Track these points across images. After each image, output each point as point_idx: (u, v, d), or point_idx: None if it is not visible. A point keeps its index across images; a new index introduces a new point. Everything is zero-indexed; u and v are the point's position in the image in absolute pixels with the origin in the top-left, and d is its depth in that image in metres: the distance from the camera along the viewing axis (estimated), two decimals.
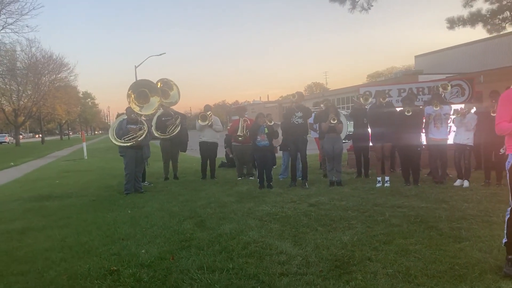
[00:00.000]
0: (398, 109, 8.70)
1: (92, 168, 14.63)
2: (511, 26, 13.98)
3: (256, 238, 5.00)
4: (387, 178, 8.36)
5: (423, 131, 8.38)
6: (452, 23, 13.83)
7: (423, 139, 8.48)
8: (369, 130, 9.09)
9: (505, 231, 3.69)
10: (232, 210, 6.63)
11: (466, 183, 7.73)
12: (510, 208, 3.68)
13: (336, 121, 8.28)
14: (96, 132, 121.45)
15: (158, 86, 10.36)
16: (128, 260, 4.39)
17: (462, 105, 8.63)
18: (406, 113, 7.85)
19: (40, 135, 58.21)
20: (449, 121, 8.34)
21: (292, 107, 8.89)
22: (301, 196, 7.54)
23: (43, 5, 74.68)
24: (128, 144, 8.65)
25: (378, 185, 8.25)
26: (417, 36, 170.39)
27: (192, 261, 4.29)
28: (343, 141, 9.16)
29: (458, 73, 34.45)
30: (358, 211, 6.16)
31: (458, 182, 7.89)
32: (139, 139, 8.67)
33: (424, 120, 8.26)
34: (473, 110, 8.14)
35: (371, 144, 8.96)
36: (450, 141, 8.35)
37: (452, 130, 8.45)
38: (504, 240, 3.69)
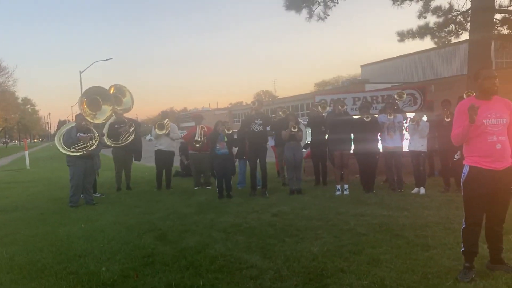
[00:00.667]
0: (354, 117, 8.85)
1: (36, 178, 13.78)
2: (456, 38, 14.67)
3: (223, 251, 4.81)
4: (346, 186, 8.43)
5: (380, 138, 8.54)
6: (402, 36, 14.29)
7: (380, 146, 8.64)
8: (327, 137, 9.17)
9: (462, 240, 3.87)
10: (193, 221, 6.40)
11: (422, 190, 7.93)
12: (464, 218, 3.85)
13: (297, 129, 8.25)
14: (35, 140, 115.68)
15: (111, 91, 9.96)
16: (88, 280, 4.06)
17: (414, 114, 8.88)
18: (365, 118, 7.99)
19: None
20: (403, 130, 8.50)
21: (251, 115, 8.78)
22: (263, 205, 7.41)
23: None
24: (78, 153, 8.16)
25: (338, 193, 8.29)
26: (362, 46, 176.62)
27: (159, 279, 4.04)
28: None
29: (403, 82, 35.92)
30: (322, 220, 6.12)
31: (415, 190, 8.06)
32: (90, 149, 8.21)
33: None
34: (424, 118, 8.40)
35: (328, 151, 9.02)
36: (406, 148, 8.54)
37: (406, 138, 8.63)
38: (462, 249, 3.84)
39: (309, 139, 10.15)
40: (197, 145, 9.44)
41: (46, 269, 4.46)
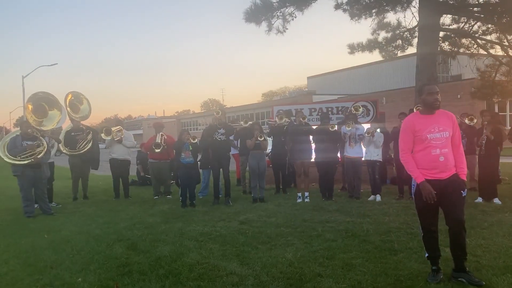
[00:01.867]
0: (314, 127, 9.18)
1: None
2: (402, 52, 15.55)
3: (199, 259, 4.85)
4: (306, 194, 8.70)
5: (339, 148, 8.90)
6: (353, 48, 14.91)
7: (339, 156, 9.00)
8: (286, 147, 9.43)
9: (424, 247, 4.15)
10: (161, 231, 6.36)
11: (378, 197, 8.37)
12: (420, 227, 4.13)
13: (263, 138, 8.43)
14: None
15: (69, 98, 9.70)
16: None
17: (369, 125, 9.34)
18: (330, 128, 8.32)
19: None
20: (362, 140, 8.89)
21: (214, 124, 8.86)
22: (229, 214, 7.50)
23: None
24: (26, 162, 7.83)
25: (299, 200, 8.53)
26: (308, 58, 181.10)
27: None
28: None
29: (348, 94, 37.31)
30: (291, 227, 6.29)
31: (372, 197, 8.47)
32: (38, 156, 7.90)
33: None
34: (378, 130, 8.85)
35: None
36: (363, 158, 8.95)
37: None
38: (426, 255, 4.11)
39: (269, 148, 10.35)
40: (157, 150, 9.29)
41: (17, 281, 4.31)
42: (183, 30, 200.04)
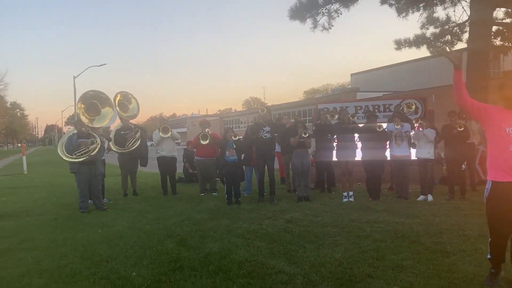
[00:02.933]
0: (360, 125, 9.04)
1: (37, 184, 13.66)
2: (451, 48, 15.05)
3: (247, 257, 4.91)
4: (351, 193, 8.59)
5: (388, 146, 8.72)
6: (399, 44, 14.61)
7: (388, 155, 8.81)
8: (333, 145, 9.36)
9: (488, 249, 3.90)
10: (209, 227, 6.47)
11: (430, 197, 8.13)
12: (490, 232, 3.83)
13: (307, 135, 8.40)
14: (19, 145, 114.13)
15: (117, 98, 10.03)
16: (122, 285, 4.14)
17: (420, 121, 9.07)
18: (377, 128, 8.17)
19: None
20: (411, 139, 8.65)
21: (259, 122, 8.89)
22: (274, 212, 7.52)
23: None
24: (81, 159, 8.17)
25: (345, 200, 8.44)
26: (351, 55, 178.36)
27: (192, 283, 4.13)
28: None
29: (394, 91, 36.42)
30: (338, 227, 6.24)
31: (421, 198, 8.25)
32: (92, 154, 8.22)
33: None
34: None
35: (335, 159, 9.15)
36: (414, 157, 8.73)
37: (414, 147, 8.78)
38: (488, 256, 3.91)
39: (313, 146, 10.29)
40: (204, 141, 9.33)
41: (76, 274, 4.51)
42: (226, 29, 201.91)
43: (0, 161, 34.32)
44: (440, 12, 21.70)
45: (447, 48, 14.94)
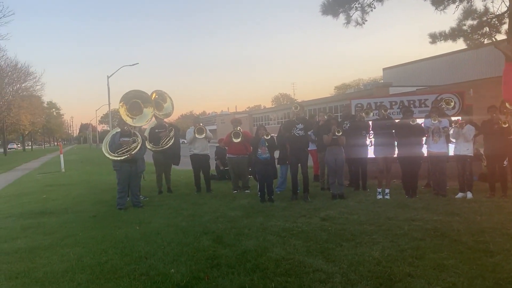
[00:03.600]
0: (396, 121, 8.87)
1: (75, 181, 14.07)
2: (489, 40, 14.55)
3: (284, 255, 4.90)
4: (387, 191, 8.45)
5: (424, 143, 8.52)
6: (434, 38, 14.21)
7: (425, 151, 8.60)
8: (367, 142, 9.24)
9: None
10: (244, 225, 6.49)
11: (469, 195, 7.90)
12: None
13: (340, 133, 8.30)
14: (56, 143, 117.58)
15: (153, 97, 10.17)
16: (161, 281, 4.20)
17: (459, 117, 8.82)
18: (411, 122, 8.01)
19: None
20: (448, 135, 8.41)
21: (293, 119, 8.85)
22: (308, 210, 7.47)
23: (14, 12, 70.85)
24: (122, 157, 8.37)
25: (379, 197, 8.31)
26: (382, 50, 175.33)
27: (230, 281, 4.16)
28: None
29: (428, 85, 35.56)
30: (374, 225, 6.15)
31: (460, 195, 8.03)
32: (133, 152, 8.40)
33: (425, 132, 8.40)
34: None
35: (373, 156, 9.00)
36: (451, 153, 8.50)
37: (452, 143, 8.55)
38: None
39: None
40: (236, 139, 9.34)
41: (117, 270, 4.61)
42: (255, 26, 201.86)
43: (38, 159, 35.45)
44: (477, 4, 21.02)
45: (485, 40, 14.47)
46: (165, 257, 4.97)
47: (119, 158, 8.38)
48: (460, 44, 17.34)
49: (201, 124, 10.49)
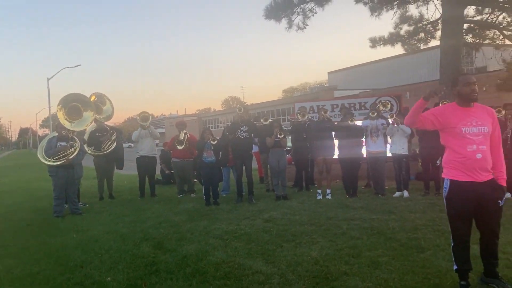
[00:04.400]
0: (336, 123, 9.13)
1: (11, 188, 13.35)
2: (425, 45, 15.35)
3: (225, 258, 4.89)
4: (328, 191, 8.65)
5: (364, 144, 8.80)
6: (374, 42, 14.80)
7: (364, 152, 8.90)
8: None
9: (453, 259, 3.77)
10: (187, 229, 6.43)
11: (406, 193, 8.25)
12: (451, 236, 3.75)
13: (283, 135, 8.42)
14: None
15: (92, 99, 9.86)
16: None
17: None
18: (349, 122, 8.26)
19: None
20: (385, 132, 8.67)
21: (237, 121, 8.87)
22: (253, 212, 7.52)
23: None
24: (58, 163, 8.03)
25: (319, 197, 8.49)
26: (328, 54, 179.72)
27: (168, 286, 4.10)
28: None
29: (371, 88, 36.84)
30: (315, 225, 6.28)
31: (397, 194, 8.36)
32: (70, 157, 8.09)
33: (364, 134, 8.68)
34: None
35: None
36: (389, 153, 8.83)
37: (388, 142, 8.87)
38: (455, 267, 3.75)
39: (289, 145, 10.32)
40: (180, 147, 9.32)
41: (49, 281, 4.42)
42: (203, 28, 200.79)
43: None
44: (413, 11, 22.08)
45: (421, 45, 15.22)
46: (101, 265, 4.82)
47: (55, 164, 8.03)
48: (398, 49, 18.18)
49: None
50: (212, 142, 8.49)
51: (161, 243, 5.68)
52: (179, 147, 9.33)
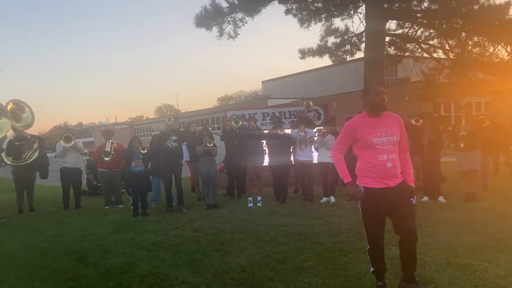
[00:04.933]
0: (265, 131, 9.28)
1: None
2: (351, 57, 16.02)
3: (150, 269, 4.78)
4: (259, 198, 8.75)
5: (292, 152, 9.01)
6: (303, 53, 15.23)
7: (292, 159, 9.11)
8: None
9: (370, 261, 3.91)
10: (112, 241, 6.21)
11: (332, 199, 8.53)
12: (367, 240, 3.89)
13: (212, 144, 8.40)
14: None
15: (9, 107, 9.27)
16: None
17: (321, 128, 9.51)
18: (279, 131, 8.42)
19: None
20: (313, 144, 9.01)
21: (166, 131, 8.74)
22: (182, 221, 7.42)
23: None
24: None
25: (250, 205, 8.56)
26: (263, 62, 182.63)
27: None
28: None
29: (303, 98, 37.85)
30: (244, 232, 6.31)
31: (324, 199, 8.63)
32: None
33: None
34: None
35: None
36: (315, 161, 9.10)
37: (316, 151, 9.16)
38: (371, 269, 3.90)
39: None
40: (107, 158, 9.08)
41: None
42: (135, 34, 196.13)
43: None
44: (339, 23, 23.08)
45: (347, 57, 15.89)
46: (16, 283, 4.54)
47: None
48: (326, 60, 18.89)
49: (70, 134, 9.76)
50: (142, 151, 8.30)
51: (84, 257, 5.45)
52: (106, 159, 9.06)
